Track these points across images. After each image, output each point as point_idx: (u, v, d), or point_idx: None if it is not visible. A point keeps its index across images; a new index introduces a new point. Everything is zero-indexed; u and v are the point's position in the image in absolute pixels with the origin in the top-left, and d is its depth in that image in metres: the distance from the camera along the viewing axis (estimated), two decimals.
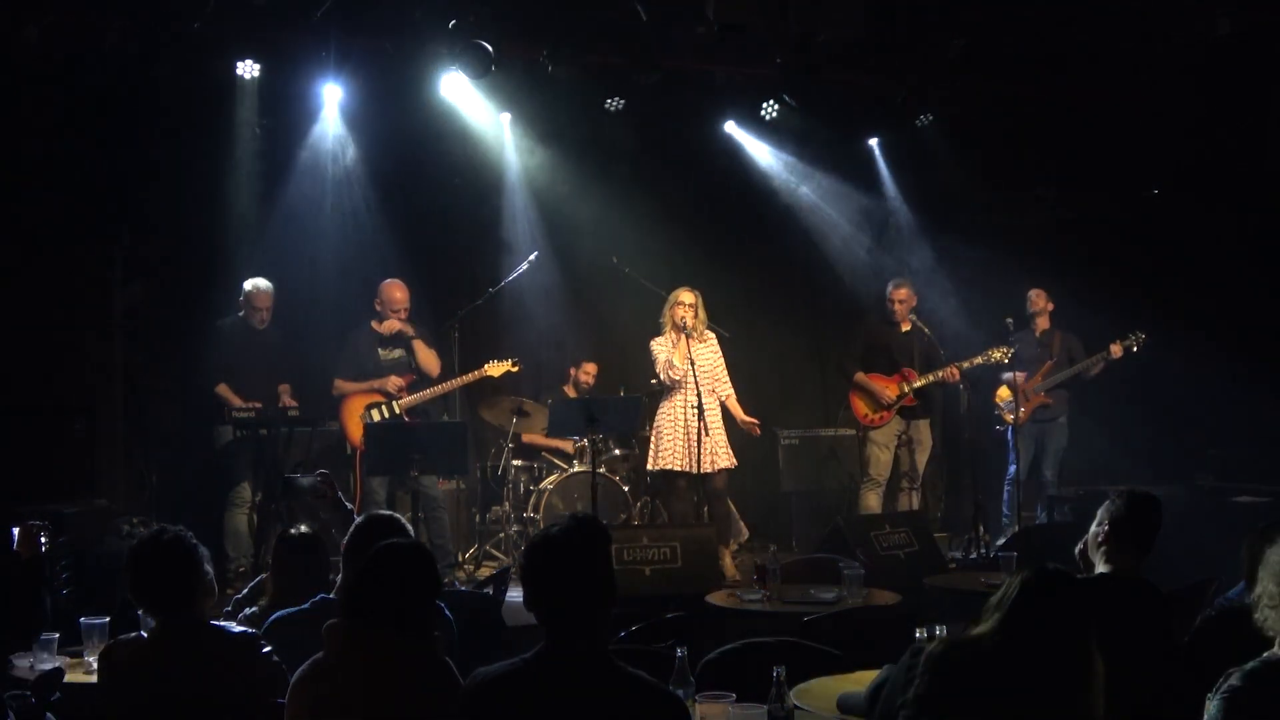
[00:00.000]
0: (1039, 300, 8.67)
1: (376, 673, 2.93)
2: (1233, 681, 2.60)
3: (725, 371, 7.90)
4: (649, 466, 7.90)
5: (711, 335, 7.90)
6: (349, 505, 3.92)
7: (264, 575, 4.70)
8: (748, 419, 7.85)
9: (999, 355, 8.17)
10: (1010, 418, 8.47)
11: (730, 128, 9.55)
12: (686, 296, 7.73)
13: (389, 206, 9.00)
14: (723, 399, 7.82)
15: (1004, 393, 8.48)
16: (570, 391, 9.03)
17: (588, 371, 9.15)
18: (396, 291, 7.60)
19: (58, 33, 7.17)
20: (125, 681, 3.29)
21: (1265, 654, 2.67)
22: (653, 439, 7.85)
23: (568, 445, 8.90)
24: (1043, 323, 8.65)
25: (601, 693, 2.66)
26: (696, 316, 7.72)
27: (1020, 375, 8.40)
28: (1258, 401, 8.29)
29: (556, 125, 9.10)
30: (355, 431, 7.44)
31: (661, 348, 7.71)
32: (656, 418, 7.84)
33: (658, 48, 7.54)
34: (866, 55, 8.03)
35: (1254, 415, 8.23)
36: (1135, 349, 8.36)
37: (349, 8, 7.14)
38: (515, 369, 7.89)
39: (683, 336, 7.65)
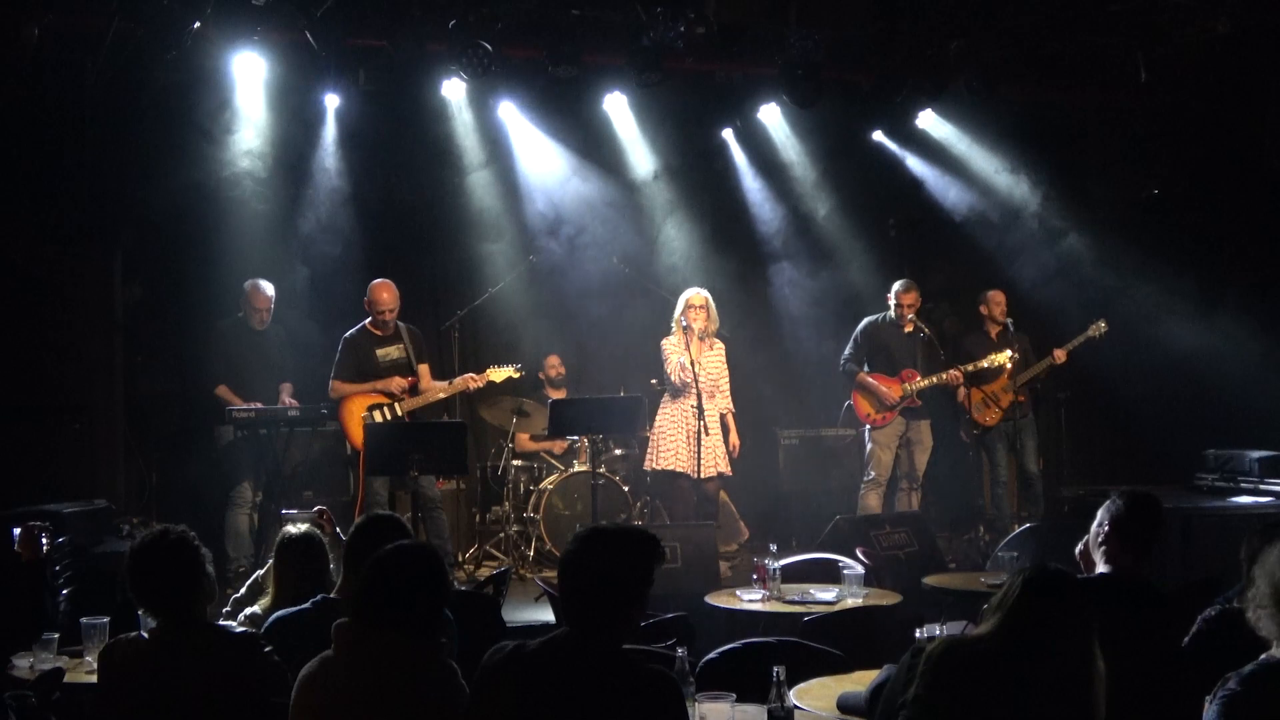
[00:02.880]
0: (1000, 303, 8.63)
1: (383, 673, 2.94)
2: (1230, 686, 2.60)
3: (728, 384, 7.91)
4: (649, 466, 7.89)
5: (720, 344, 7.91)
6: (345, 538, 3.95)
7: (259, 573, 4.70)
8: (734, 440, 7.86)
9: (1001, 359, 8.17)
10: (985, 420, 8.47)
11: (731, 127, 9.56)
12: (695, 299, 7.73)
13: (388, 206, 9.00)
14: (722, 411, 7.81)
15: (1001, 384, 8.44)
16: (551, 392, 9.00)
17: (553, 365, 9.16)
18: (383, 293, 7.57)
19: (58, 33, 7.16)
20: (125, 681, 3.29)
21: (1262, 656, 2.67)
22: (653, 439, 7.84)
23: (557, 446, 8.89)
24: (998, 326, 8.60)
25: (601, 678, 2.70)
26: (708, 319, 7.73)
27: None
28: (1258, 401, 8.30)
29: (556, 125, 9.10)
30: (356, 432, 7.43)
31: (674, 349, 7.71)
32: (658, 418, 7.83)
33: (658, 48, 7.53)
34: (866, 55, 8.03)
35: (1254, 415, 8.24)
36: (1099, 335, 8.33)
37: (349, 7, 7.13)
38: (518, 375, 7.88)
39: (693, 338, 7.65)
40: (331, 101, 8.28)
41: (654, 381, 8.47)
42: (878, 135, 9.68)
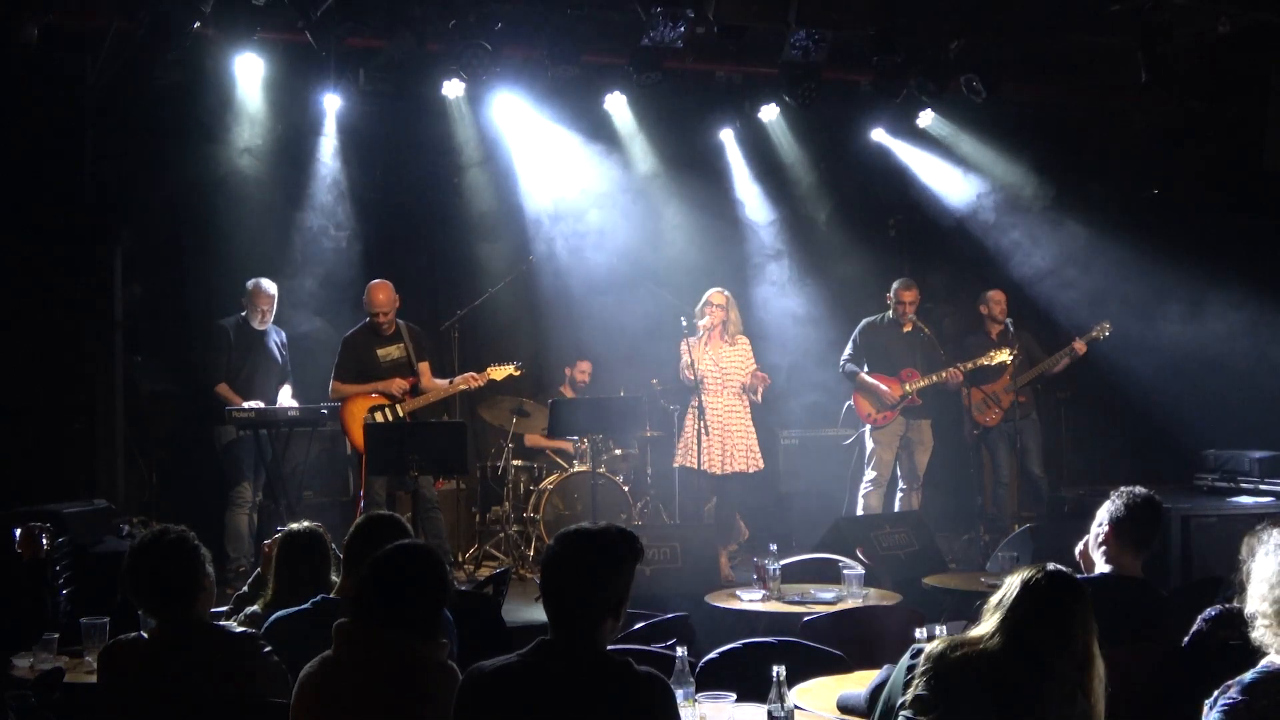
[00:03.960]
0: (999, 302, 8.64)
1: (384, 673, 2.94)
2: (1232, 694, 2.59)
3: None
4: (675, 464, 7.98)
5: (744, 339, 7.95)
6: (339, 553, 3.96)
7: (259, 569, 4.69)
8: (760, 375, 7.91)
9: (1002, 356, 8.17)
10: (985, 420, 8.47)
11: (731, 127, 9.55)
12: (716, 297, 7.82)
13: (388, 206, 9.00)
14: (748, 385, 7.85)
15: (1002, 384, 8.47)
16: (567, 391, 9.04)
17: (583, 370, 9.19)
18: (380, 293, 7.57)
19: (58, 33, 7.16)
20: (125, 681, 3.29)
21: (1263, 663, 2.67)
22: (680, 437, 7.96)
23: (568, 445, 8.90)
24: (998, 325, 8.61)
25: (590, 684, 2.69)
26: (727, 317, 7.77)
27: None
28: (1258, 401, 8.29)
29: (556, 126, 9.10)
30: (358, 433, 7.42)
31: (684, 349, 7.75)
32: (687, 417, 7.90)
33: (658, 48, 7.52)
34: (866, 55, 8.03)
35: (1254, 415, 8.24)
36: (1102, 338, 8.34)
37: (349, 7, 7.13)
38: (518, 373, 7.89)
39: (711, 336, 7.72)
40: (331, 101, 8.26)
41: (654, 381, 8.47)
42: (878, 135, 9.68)
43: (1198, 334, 8.58)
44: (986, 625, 2.76)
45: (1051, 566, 2.80)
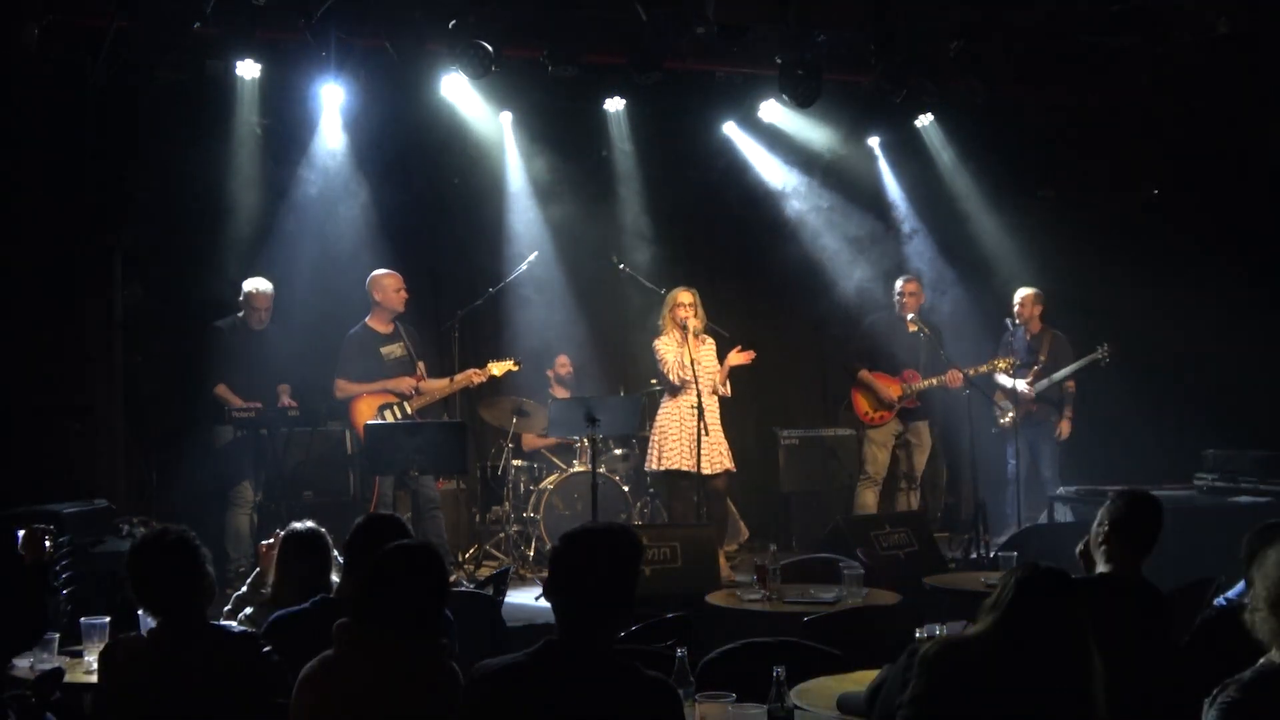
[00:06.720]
0: (1030, 302, 8.64)
1: (384, 673, 2.94)
2: (1230, 693, 2.60)
3: (720, 375, 7.91)
4: (654, 466, 7.85)
5: (710, 339, 7.91)
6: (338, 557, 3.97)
7: (258, 569, 4.69)
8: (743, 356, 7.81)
9: (1004, 365, 8.18)
10: (1005, 419, 8.48)
11: (730, 127, 9.56)
12: (686, 297, 7.71)
13: (388, 206, 9.00)
14: (718, 389, 7.81)
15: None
16: (557, 390, 9.01)
17: (563, 364, 9.18)
18: (397, 281, 7.61)
19: (58, 33, 7.16)
20: (125, 681, 3.30)
21: (1260, 662, 2.67)
22: (656, 439, 7.81)
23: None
24: (1034, 325, 8.63)
25: (598, 685, 2.69)
26: (696, 316, 7.72)
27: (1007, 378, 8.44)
28: (1258, 401, 8.30)
29: (556, 125, 9.11)
30: None
31: (669, 348, 7.67)
32: (659, 418, 7.80)
33: (658, 48, 7.53)
34: (866, 55, 8.04)
35: (1253, 415, 8.24)
36: (1103, 363, 8.37)
37: (349, 8, 7.13)
38: (517, 368, 7.90)
39: (687, 336, 7.64)
40: (331, 101, 8.27)
41: (653, 381, 8.46)
42: (877, 135, 9.69)
43: (1197, 334, 8.59)
44: (981, 626, 2.77)
45: (1044, 565, 2.81)
